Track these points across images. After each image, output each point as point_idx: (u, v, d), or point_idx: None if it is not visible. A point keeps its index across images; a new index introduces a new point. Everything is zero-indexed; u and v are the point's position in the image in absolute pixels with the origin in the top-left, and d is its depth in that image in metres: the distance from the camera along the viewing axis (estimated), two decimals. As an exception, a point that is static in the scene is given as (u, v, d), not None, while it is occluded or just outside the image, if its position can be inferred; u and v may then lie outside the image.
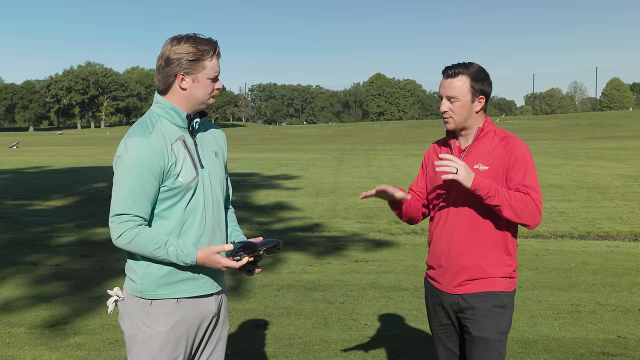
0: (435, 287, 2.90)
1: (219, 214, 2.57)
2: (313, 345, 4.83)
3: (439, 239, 2.85)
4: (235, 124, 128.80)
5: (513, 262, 2.80)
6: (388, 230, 10.30)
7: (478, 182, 2.61)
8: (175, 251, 2.37)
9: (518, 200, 2.63)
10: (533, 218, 2.65)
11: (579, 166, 20.45)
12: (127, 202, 2.35)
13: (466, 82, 2.73)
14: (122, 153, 2.38)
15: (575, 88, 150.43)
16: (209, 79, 2.46)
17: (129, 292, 2.51)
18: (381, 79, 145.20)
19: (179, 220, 2.44)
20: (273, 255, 2.60)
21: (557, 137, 44.13)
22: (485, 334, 2.73)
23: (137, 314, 2.46)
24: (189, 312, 2.48)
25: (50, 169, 22.03)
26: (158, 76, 2.48)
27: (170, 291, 2.45)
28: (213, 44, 2.45)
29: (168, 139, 2.42)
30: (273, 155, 29.65)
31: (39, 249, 8.38)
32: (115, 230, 2.37)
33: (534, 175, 2.71)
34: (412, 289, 6.40)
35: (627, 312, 5.59)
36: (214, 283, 2.55)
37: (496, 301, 2.74)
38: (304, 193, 15.18)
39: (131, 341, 2.48)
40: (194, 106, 2.49)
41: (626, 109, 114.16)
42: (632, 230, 9.97)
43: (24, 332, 5.11)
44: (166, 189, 2.41)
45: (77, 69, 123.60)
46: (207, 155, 2.55)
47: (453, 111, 2.76)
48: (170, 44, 2.43)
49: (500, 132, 2.81)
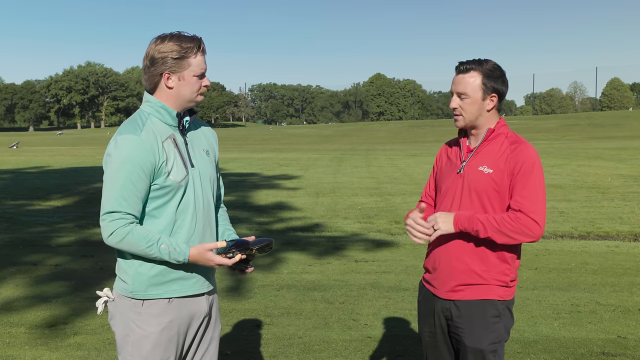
0: (429, 291, 2.84)
1: (210, 213, 2.56)
2: (313, 345, 4.83)
3: (437, 242, 2.78)
4: (235, 124, 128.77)
5: (511, 271, 2.70)
6: (388, 230, 10.29)
7: (460, 223, 2.60)
8: (168, 249, 2.35)
9: (507, 225, 2.56)
10: (528, 236, 2.58)
11: (579, 166, 20.45)
12: (118, 199, 2.32)
13: (478, 79, 2.65)
14: (112, 151, 2.35)
15: (575, 88, 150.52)
16: (195, 76, 2.43)
17: (119, 293, 2.48)
18: (381, 79, 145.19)
19: (170, 219, 2.42)
20: (265, 254, 2.60)
21: (557, 137, 44.13)
22: (479, 345, 2.65)
23: (128, 314, 2.45)
24: (180, 312, 2.47)
25: (50, 169, 22.02)
26: (144, 76, 2.47)
27: (161, 291, 2.43)
28: (197, 41, 2.43)
29: (159, 137, 2.41)
30: (273, 155, 29.65)
31: (39, 249, 8.38)
32: (107, 229, 2.34)
33: (535, 185, 2.60)
34: (412, 289, 6.40)
35: (627, 312, 5.59)
36: (205, 282, 2.54)
37: (490, 310, 2.66)
38: (304, 193, 15.18)
39: (123, 342, 2.47)
40: (183, 104, 2.48)
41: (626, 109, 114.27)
42: (632, 230, 9.97)
43: (24, 332, 5.11)
44: (157, 187, 2.39)
45: (77, 69, 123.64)
46: (198, 154, 2.54)
47: (463, 108, 2.68)
48: (154, 43, 2.42)
49: (512, 136, 2.71)
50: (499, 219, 2.58)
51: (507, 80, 2.72)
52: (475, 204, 2.67)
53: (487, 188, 2.65)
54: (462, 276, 2.69)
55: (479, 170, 2.67)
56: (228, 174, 20.01)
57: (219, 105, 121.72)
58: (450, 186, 2.76)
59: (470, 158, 2.73)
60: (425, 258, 2.93)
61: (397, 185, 16.66)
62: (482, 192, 2.66)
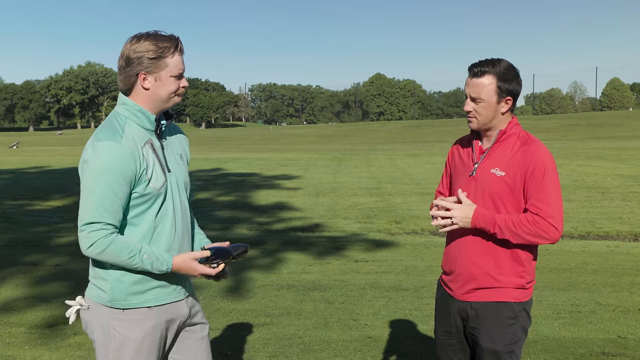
0: (447, 293, 2.84)
1: (187, 218, 2.53)
2: (313, 345, 4.83)
3: (453, 244, 2.77)
4: (235, 124, 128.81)
5: (527, 273, 2.68)
6: (388, 230, 10.30)
7: (478, 223, 2.60)
8: (150, 259, 2.30)
9: (524, 228, 2.55)
10: (545, 240, 2.56)
11: (579, 166, 20.45)
12: (99, 209, 2.25)
13: (493, 83, 2.60)
14: (90, 157, 2.27)
15: (575, 88, 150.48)
16: (172, 76, 2.35)
17: (95, 301, 2.42)
18: (381, 79, 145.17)
19: (149, 227, 2.37)
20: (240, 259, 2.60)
21: (557, 137, 44.11)
22: (495, 346, 2.65)
23: (108, 321, 2.39)
24: (161, 317, 2.44)
25: (50, 169, 22.03)
26: (120, 77, 2.38)
27: (141, 300, 2.39)
28: (174, 40, 2.35)
29: (138, 143, 2.33)
30: (273, 155, 29.65)
31: (39, 249, 8.38)
32: (86, 240, 2.26)
33: (550, 186, 2.57)
34: (412, 289, 6.40)
35: (627, 312, 5.59)
36: (182, 289, 2.52)
37: (506, 312, 2.65)
38: (304, 193, 15.18)
39: (103, 349, 2.40)
40: (159, 106, 2.40)
41: (626, 109, 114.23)
42: (632, 230, 9.98)
43: (24, 332, 5.11)
44: (137, 195, 2.32)
45: (77, 69, 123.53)
46: (173, 158, 2.49)
47: (477, 112, 2.64)
48: (129, 42, 2.33)
49: (524, 135, 2.68)
50: (517, 222, 2.56)
51: (520, 79, 2.67)
52: (489, 206, 2.65)
53: (500, 191, 2.63)
54: (477, 280, 2.68)
55: (491, 173, 2.65)
56: (228, 174, 20.01)
57: (219, 105, 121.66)
58: (463, 189, 2.73)
59: (482, 160, 2.70)
60: (442, 259, 2.92)
61: (397, 185, 16.66)
62: (496, 195, 2.64)
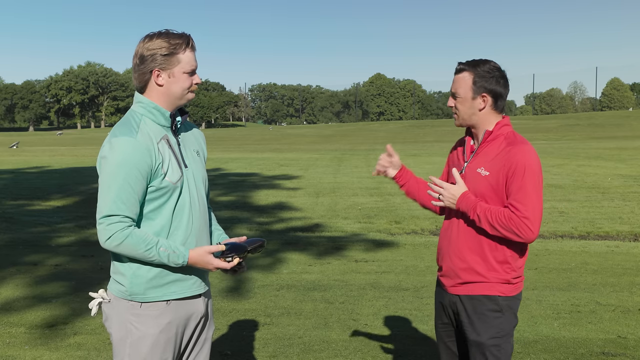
0: (439, 286, 2.96)
1: (205, 213, 2.57)
2: (313, 345, 4.83)
3: (444, 239, 2.89)
4: (235, 124, 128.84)
5: (513, 269, 2.73)
6: (388, 230, 10.30)
7: (460, 204, 2.73)
8: (167, 252, 2.34)
9: (499, 220, 2.61)
10: (518, 237, 2.60)
11: (579, 166, 20.44)
12: (116, 202, 2.30)
13: (469, 79, 2.71)
14: (108, 153, 2.33)
15: (575, 88, 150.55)
16: (185, 73, 2.42)
17: (115, 295, 2.47)
18: (381, 79, 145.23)
19: (166, 221, 2.41)
20: (258, 254, 2.64)
21: (557, 137, 44.12)
22: (479, 338, 2.72)
23: (126, 316, 2.43)
24: (178, 313, 2.47)
25: (50, 169, 22.03)
26: (134, 75, 2.45)
27: (160, 293, 2.42)
28: (186, 37, 2.42)
29: (154, 138, 2.39)
30: (273, 155, 29.64)
31: (39, 249, 8.38)
32: (105, 232, 2.31)
33: (529, 187, 2.59)
34: (412, 289, 6.40)
35: (627, 312, 5.59)
36: (202, 283, 2.54)
37: (491, 305, 2.72)
38: (304, 193, 15.18)
39: (120, 343, 2.44)
40: (174, 102, 2.46)
41: (626, 109, 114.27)
42: (632, 230, 9.98)
43: (24, 332, 5.11)
44: (153, 189, 2.37)
45: (77, 69, 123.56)
46: (190, 154, 2.54)
47: (457, 107, 2.78)
48: (142, 41, 2.41)
49: (511, 136, 2.72)
50: (495, 213, 2.64)
51: (505, 81, 2.73)
52: None
53: (485, 191, 2.70)
54: (464, 274, 2.77)
55: (477, 172, 2.74)
56: (228, 174, 20.00)
57: (219, 105, 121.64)
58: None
59: (471, 159, 2.80)
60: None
61: (397, 185, 16.64)
62: (480, 194, 2.72)
